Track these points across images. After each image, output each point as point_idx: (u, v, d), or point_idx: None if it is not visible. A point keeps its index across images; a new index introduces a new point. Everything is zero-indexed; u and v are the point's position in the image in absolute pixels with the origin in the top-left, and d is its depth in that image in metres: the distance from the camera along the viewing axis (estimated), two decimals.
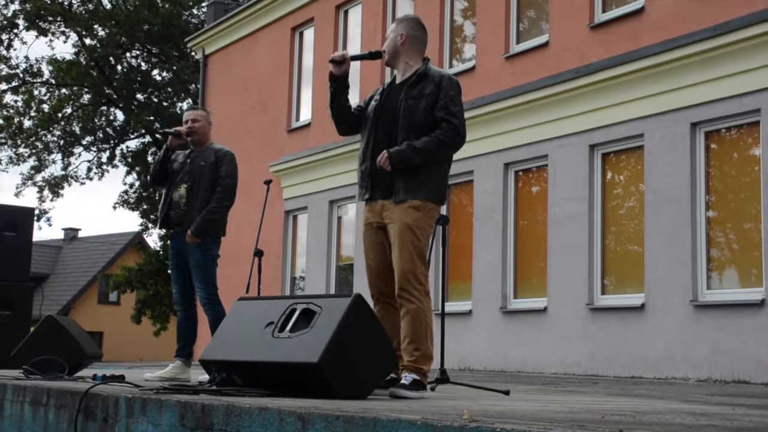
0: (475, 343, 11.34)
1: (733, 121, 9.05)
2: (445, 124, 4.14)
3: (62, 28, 27.19)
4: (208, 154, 5.84)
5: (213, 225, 5.75)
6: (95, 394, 3.90)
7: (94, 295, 34.10)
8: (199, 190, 5.76)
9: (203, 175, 5.77)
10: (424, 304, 4.09)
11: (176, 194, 5.83)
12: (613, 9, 10.58)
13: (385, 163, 4.10)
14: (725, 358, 8.54)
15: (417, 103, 4.18)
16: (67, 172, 27.80)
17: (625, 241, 10.15)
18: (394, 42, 4.34)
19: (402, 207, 4.13)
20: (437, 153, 4.15)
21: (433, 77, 4.22)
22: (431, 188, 4.17)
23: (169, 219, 5.84)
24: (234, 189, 5.85)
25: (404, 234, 4.09)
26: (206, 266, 5.77)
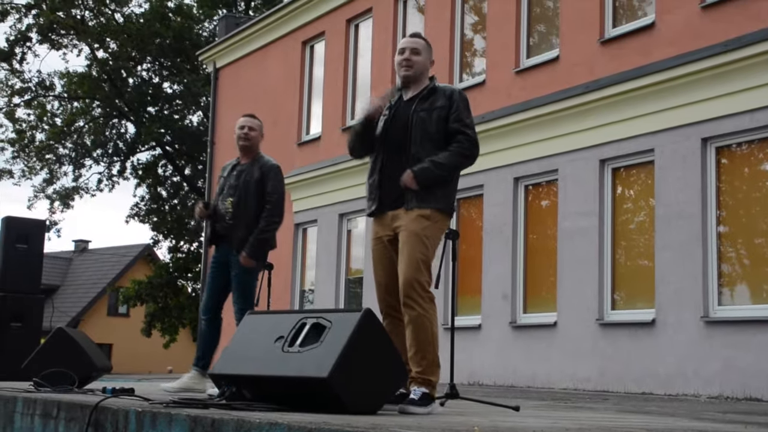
0: (485, 357, 11.30)
1: (744, 137, 9.03)
2: (462, 137, 4.22)
3: (75, 42, 27.41)
4: (253, 170, 5.83)
5: (266, 244, 5.78)
6: (105, 407, 3.90)
7: (104, 307, 34.17)
8: (247, 208, 5.76)
9: (249, 191, 5.77)
10: (428, 311, 4.10)
11: (222, 207, 5.84)
12: (624, 24, 10.59)
13: (411, 182, 4.13)
14: (737, 375, 8.47)
15: (429, 114, 4.25)
16: (78, 184, 27.96)
17: (635, 256, 10.12)
18: (426, 65, 4.44)
19: (412, 215, 4.15)
20: (458, 166, 4.24)
21: (444, 91, 4.31)
22: (442, 199, 4.21)
23: (216, 232, 5.87)
24: (282, 203, 5.85)
25: (412, 241, 4.11)
26: (247, 282, 5.80)
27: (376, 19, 14.61)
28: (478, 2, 13.10)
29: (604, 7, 10.71)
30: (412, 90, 4.40)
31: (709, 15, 9.45)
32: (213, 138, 19.00)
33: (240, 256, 5.70)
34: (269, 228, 5.75)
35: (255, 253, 5.71)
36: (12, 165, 27.65)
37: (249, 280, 5.78)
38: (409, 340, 4.09)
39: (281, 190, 5.82)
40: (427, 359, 4.06)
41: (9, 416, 4.98)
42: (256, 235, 5.70)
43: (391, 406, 3.94)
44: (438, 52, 13.20)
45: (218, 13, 26.98)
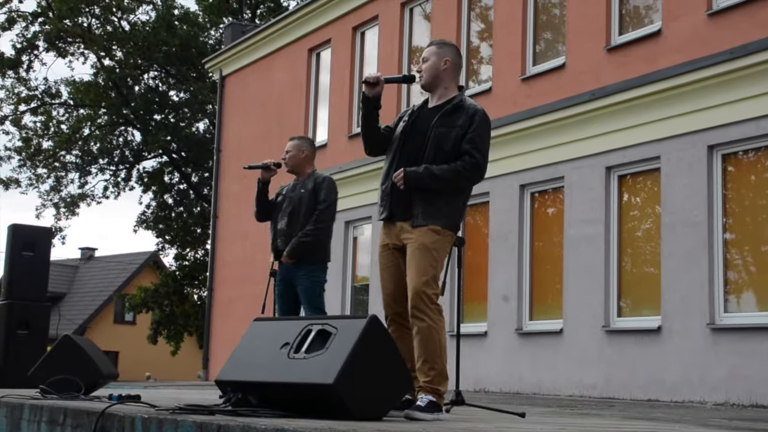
0: (491, 364, 11.28)
1: (750, 144, 9.02)
2: (468, 157, 4.15)
3: (81, 50, 27.53)
4: (308, 182, 6.03)
5: (307, 247, 5.87)
6: (111, 413, 3.91)
7: (110, 315, 34.22)
8: (299, 217, 5.93)
9: (302, 202, 5.95)
10: (437, 322, 4.10)
11: (281, 223, 6.02)
12: (630, 31, 10.60)
13: (399, 180, 4.13)
14: (743, 382, 8.45)
15: (448, 132, 4.19)
16: (84, 192, 28.04)
17: (641, 264, 10.10)
18: (437, 67, 4.31)
19: (422, 229, 4.15)
20: (453, 183, 4.17)
21: (468, 110, 4.23)
22: (449, 217, 4.18)
23: (277, 248, 6.03)
24: (332, 212, 5.99)
25: (421, 253, 4.11)
26: (312, 292, 5.92)
27: (382, 26, 14.64)
28: (485, 10, 13.12)
29: (611, 14, 10.72)
30: (436, 97, 4.34)
31: (716, 22, 9.46)
32: (219, 145, 19.05)
33: (282, 257, 5.88)
34: (315, 231, 5.88)
35: (293, 253, 5.84)
36: (19, 174, 27.78)
37: (313, 289, 5.92)
38: (417, 350, 4.10)
39: (332, 199, 5.99)
40: (435, 370, 4.07)
41: (16, 423, 4.99)
42: (299, 236, 5.86)
43: (397, 413, 3.95)
44: None
45: (224, 20, 27.07)
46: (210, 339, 18.34)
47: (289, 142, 6.22)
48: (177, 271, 27.03)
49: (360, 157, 14.46)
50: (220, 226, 18.63)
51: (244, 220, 17.56)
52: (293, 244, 5.85)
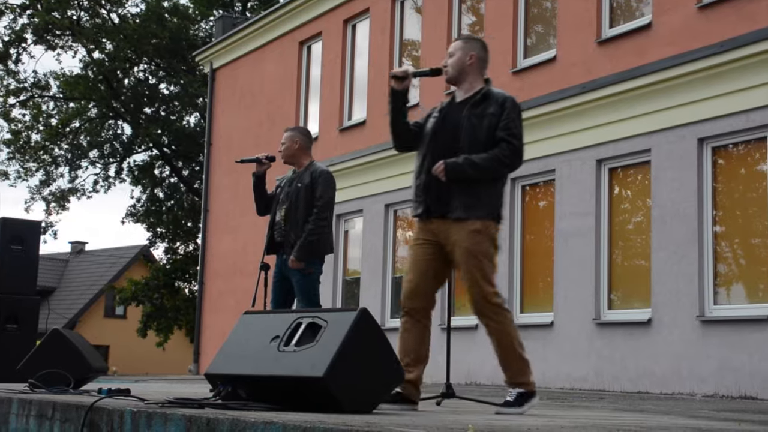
0: (482, 357, 11.30)
1: (740, 137, 9.04)
2: (505, 144, 4.18)
3: (70, 43, 27.38)
4: (304, 176, 6.02)
5: (314, 246, 5.90)
6: (100, 407, 3.89)
7: (101, 309, 34.13)
8: (297, 213, 5.93)
9: (299, 197, 5.95)
10: (503, 322, 4.19)
11: (279, 215, 6.04)
12: (621, 24, 10.60)
13: (441, 172, 4.12)
14: (732, 374, 8.49)
15: (480, 122, 4.21)
16: (74, 185, 27.93)
17: (632, 256, 10.13)
18: (462, 61, 4.35)
19: (463, 231, 4.13)
20: (493, 170, 4.18)
21: (497, 98, 4.26)
22: (489, 206, 4.18)
23: (273, 240, 6.04)
24: (330, 208, 6.00)
25: (468, 262, 4.12)
26: (307, 284, 5.94)
27: (373, 19, 14.61)
28: (476, 3, 13.11)
29: (601, 7, 10.72)
30: (463, 91, 4.36)
31: (706, 15, 9.47)
32: (210, 139, 18.99)
33: (290, 260, 5.88)
34: (316, 231, 5.89)
35: (302, 256, 5.85)
36: (8, 166, 27.64)
37: (309, 282, 5.93)
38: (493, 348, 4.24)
39: (330, 194, 5.99)
40: (513, 367, 4.18)
41: (4, 417, 4.97)
42: (304, 237, 5.86)
43: (388, 406, 3.95)
44: (435, 52, 13.21)
45: (215, 13, 26.97)
46: (201, 333, 18.32)
47: (284, 133, 6.23)
48: (167, 264, 26.97)
49: (351, 150, 14.45)
50: (211, 220, 18.60)
51: (234, 214, 17.54)
52: (300, 246, 5.84)
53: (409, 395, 4.19)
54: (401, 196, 13.33)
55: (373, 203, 13.84)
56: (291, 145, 6.12)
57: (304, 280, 5.91)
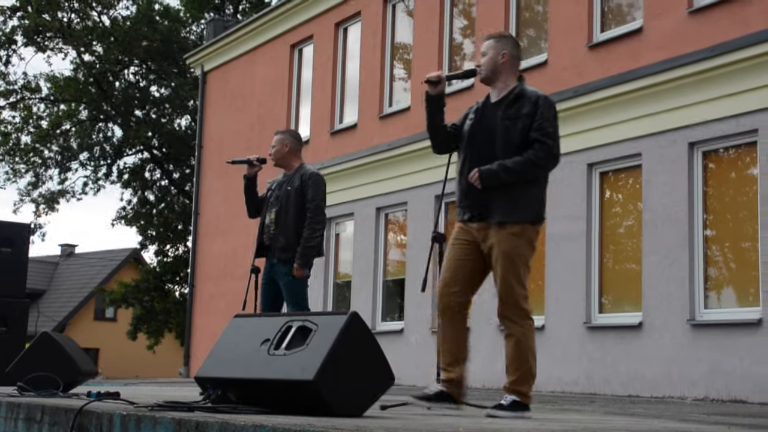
0: (474, 360, 11.25)
1: (730, 141, 9.07)
2: (538, 145, 4.18)
3: (60, 45, 27.29)
4: (295, 179, 6.02)
5: (314, 251, 5.91)
6: (89, 411, 3.87)
7: (91, 312, 34.00)
8: (287, 216, 5.92)
9: (290, 200, 5.94)
10: (524, 327, 4.18)
11: (268, 218, 6.04)
12: (612, 28, 10.63)
13: (476, 180, 4.17)
14: (722, 378, 8.51)
15: (515, 123, 4.22)
16: (64, 188, 27.83)
17: (623, 260, 10.15)
18: (495, 60, 4.35)
19: (502, 232, 4.17)
20: (528, 173, 4.20)
21: (530, 97, 4.25)
22: (528, 209, 4.21)
23: (263, 242, 6.04)
24: (322, 210, 5.98)
25: (503, 262, 4.16)
26: (296, 288, 5.93)
27: (364, 22, 14.61)
28: (467, 6, 13.13)
29: (593, 11, 10.75)
30: (497, 91, 4.36)
31: (697, 20, 9.50)
32: (201, 141, 18.95)
33: (294, 269, 5.85)
34: (314, 235, 5.90)
35: (305, 262, 5.87)
36: None
37: (297, 285, 5.92)
38: (507, 351, 4.21)
39: (321, 197, 5.98)
40: (520, 371, 4.17)
41: None
42: (303, 244, 5.85)
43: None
44: (426, 56, 13.22)
45: (206, 16, 26.93)
46: (191, 336, 18.27)
47: (274, 136, 6.23)
48: (157, 267, 26.89)
49: (342, 153, 14.44)
50: (202, 223, 18.55)
51: (225, 217, 17.49)
52: (301, 253, 5.83)
53: (451, 393, 4.25)
54: (392, 200, 13.32)
55: (364, 206, 13.83)
56: (281, 148, 6.13)
57: (293, 284, 5.91)
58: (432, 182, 12.10)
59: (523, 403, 4.17)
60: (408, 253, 12.84)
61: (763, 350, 8.26)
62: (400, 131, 13.31)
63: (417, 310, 12.36)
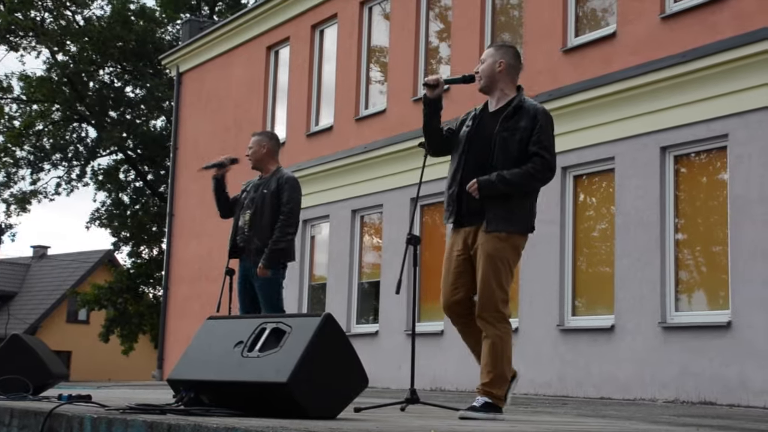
0: (448, 363, 11.33)
1: (701, 146, 9.18)
2: (537, 158, 4.25)
3: (33, 44, 27.00)
4: (271, 182, 6.02)
5: (282, 253, 5.91)
6: (60, 414, 3.84)
7: (63, 314, 33.65)
8: (262, 219, 5.92)
9: (265, 203, 5.94)
10: (501, 330, 4.23)
11: (242, 220, 6.03)
12: (586, 33, 10.72)
13: (474, 191, 4.22)
14: (692, 380, 8.60)
15: (512, 135, 4.27)
16: (36, 188, 27.53)
17: (596, 263, 10.23)
18: (492, 68, 4.39)
19: (488, 236, 4.24)
20: (525, 186, 4.28)
21: (529, 110, 4.31)
22: (520, 221, 4.30)
23: (236, 245, 6.04)
24: (296, 215, 6.00)
25: (487, 263, 4.22)
26: (271, 290, 5.93)
27: (341, 25, 14.62)
28: (444, 10, 13.18)
29: (567, 16, 10.84)
30: (495, 100, 4.41)
31: (669, 26, 9.61)
32: (176, 143, 18.85)
33: (258, 268, 5.85)
34: (284, 238, 5.89)
35: (270, 263, 5.85)
36: None
37: (272, 289, 5.93)
38: (482, 354, 4.25)
39: (296, 200, 6.00)
40: (494, 373, 4.20)
41: None
42: (271, 245, 5.85)
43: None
44: (402, 59, 13.25)
45: (182, 17, 26.77)
46: (165, 338, 18.14)
47: (252, 138, 6.23)
48: (131, 268, 26.67)
49: (317, 156, 14.43)
50: (176, 225, 18.44)
51: (200, 219, 17.40)
52: (268, 254, 5.84)
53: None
54: (368, 202, 13.34)
55: (339, 209, 13.83)
56: (258, 150, 6.13)
57: (268, 286, 5.91)
58: (408, 185, 12.13)
59: (495, 404, 4.20)
60: (383, 256, 12.86)
61: (732, 352, 8.37)
62: (376, 133, 13.33)
63: (392, 312, 12.38)
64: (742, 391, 8.20)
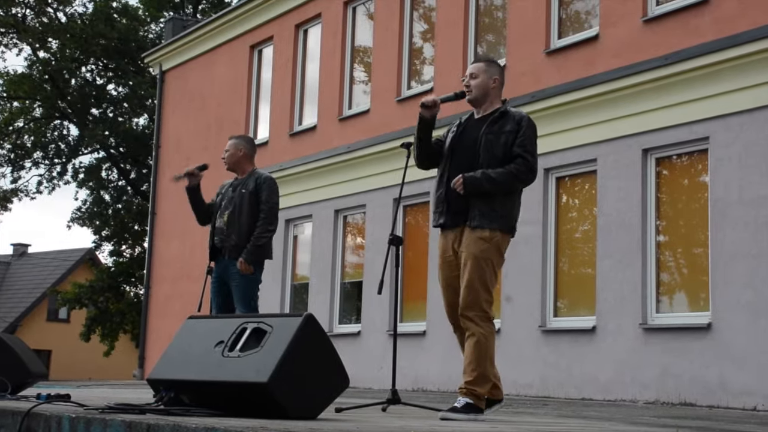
0: (430, 364, 11.34)
1: (683, 148, 9.24)
2: (520, 160, 4.41)
3: (15, 41, 26.78)
4: (249, 182, 6.06)
5: (263, 250, 5.95)
6: (38, 413, 3.80)
7: (43, 313, 33.40)
8: (240, 216, 5.96)
9: (243, 202, 5.99)
10: (485, 329, 4.31)
11: (220, 221, 6.06)
12: (570, 35, 10.76)
13: (459, 186, 4.34)
14: (673, 381, 8.66)
15: (497, 138, 4.45)
16: (17, 186, 27.30)
17: (578, 264, 10.27)
18: (487, 85, 4.57)
19: (473, 236, 4.37)
20: (508, 185, 4.41)
21: (514, 116, 4.50)
22: (504, 218, 4.43)
23: (214, 246, 6.06)
24: (276, 212, 6.06)
25: (471, 264, 4.33)
26: (247, 289, 5.94)
27: (325, 24, 14.59)
28: (428, 10, 13.19)
29: (550, 18, 10.87)
30: (482, 110, 4.58)
31: (651, 29, 9.67)
32: (159, 141, 18.75)
33: (238, 263, 5.88)
34: (264, 235, 5.94)
35: (251, 259, 5.88)
36: None
37: (248, 286, 5.94)
38: (465, 353, 4.33)
39: (275, 200, 6.05)
40: (477, 372, 4.26)
41: None
42: (252, 242, 5.89)
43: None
44: (386, 59, 13.25)
45: (165, 15, 26.63)
46: (146, 337, 18.05)
47: (228, 141, 6.28)
48: (112, 267, 26.50)
49: (300, 155, 14.40)
50: (158, 223, 18.34)
51: (182, 218, 17.32)
52: (249, 250, 5.87)
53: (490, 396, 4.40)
54: (351, 202, 13.32)
55: (322, 208, 13.81)
56: (235, 152, 6.20)
57: (245, 285, 5.92)
58: (390, 185, 12.13)
59: (476, 405, 4.23)
60: (366, 256, 12.85)
61: (712, 354, 8.43)
62: (360, 133, 13.32)
63: (374, 312, 12.37)
64: (721, 393, 8.26)
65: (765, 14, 8.58)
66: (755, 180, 8.41)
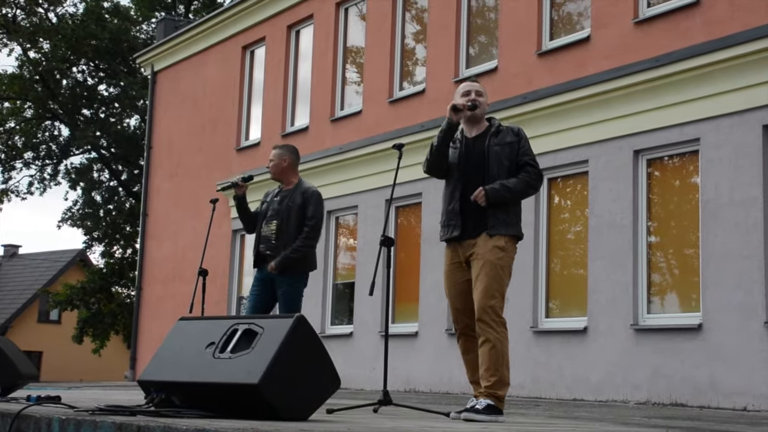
0: (421, 365, 11.35)
1: (674, 150, 9.27)
2: (531, 168, 4.70)
3: (5, 41, 26.69)
4: (295, 195, 6.14)
5: (295, 262, 6.02)
6: (28, 415, 3.79)
7: (34, 314, 33.28)
8: (288, 229, 6.04)
9: (291, 215, 6.07)
10: (501, 334, 4.49)
11: (267, 229, 6.13)
12: (561, 37, 10.79)
13: (481, 198, 4.54)
14: (664, 382, 8.68)
15: (503, 149, 4.70)
16: (8, 187, 27.20)
17: (570, 265, 10.29)
18: (485, 106, 4.87)
19: (489, 243, 4.54)
20: (524, 193, 4.70)
21: (511, 129, 4.79)
22: (516, 225, 4.68)
23: (260, 253, 6.11)
24: (320, 228, 6.18)
25: (488, 270, 4.49)
26: (292, 299, 6.03)
27: (317, 25, 14.59)
28: (420, 12, 13.20)
29: (542, 20, 10.89)
30: (475, 128, 4.79)
31: (642, 31, 9.70)
32: (150, 142, 18.70)
33: (268, 266, 5.98)
34: (303, 247, 6.03)
35: (281, 266, 5.96)
36: None
37: (293, 297, 6.05)
38: (481, 358, 4.46)
39: (320, 215, 6.16)
40: (496, 377, 4.41)
41: None
42: (289, 251, 5.98)
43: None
44: (378, 60, 13.26)
45: (156, 15, 26.58)
46: (138, 339, 18.00)
47: (273, 150, 6.36)
48: (104, 268, 26.42)
49: None
50: (150, 224, 18.30)
51: (174, 219, 17.29)
52: (283, 258, 5.96)
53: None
54: (343, 203, 13.32)
55: None
56: (280, 163, 6.25)
57: (290, 294, 6.02)
58: (383, 186, 12.13)
59: (497, 407, 4.34)
60: (358, 257, 12.85)
61: (703, 355, 8.46)
62: (352, 134, 13.32)
63: (366, 313, 12.37)
64: (712, 393, 8.29)
65: (755, 16, 8.62)
66: (746, 181, 8.44)
